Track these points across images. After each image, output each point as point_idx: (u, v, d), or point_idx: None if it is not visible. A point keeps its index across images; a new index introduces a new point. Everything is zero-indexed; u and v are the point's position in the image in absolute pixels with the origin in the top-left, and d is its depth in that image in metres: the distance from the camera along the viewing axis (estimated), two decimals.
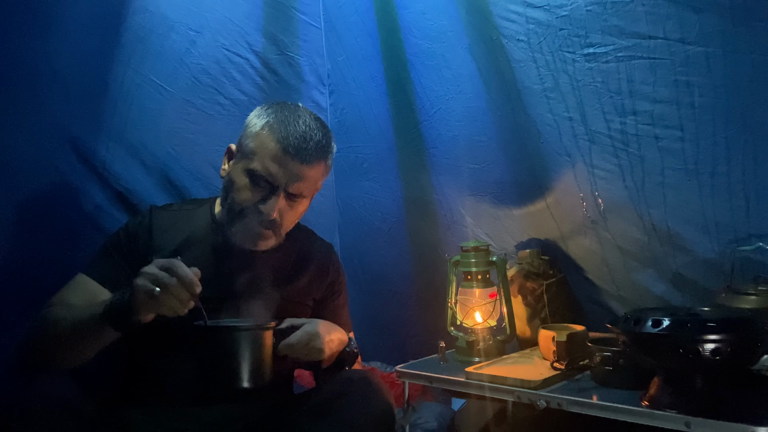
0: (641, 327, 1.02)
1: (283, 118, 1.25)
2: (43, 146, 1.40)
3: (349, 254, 2.00)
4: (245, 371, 1.10)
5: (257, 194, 1.23)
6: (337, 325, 1.32)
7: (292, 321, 1.22)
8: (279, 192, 1.22)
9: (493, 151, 1.63)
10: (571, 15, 1.37)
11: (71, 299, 1.18)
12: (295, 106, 1.31)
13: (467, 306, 1.47)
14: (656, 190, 1.37)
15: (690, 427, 0.97)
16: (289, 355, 1.19)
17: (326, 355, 1.23)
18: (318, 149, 1.25)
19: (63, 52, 1.41)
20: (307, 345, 1.20)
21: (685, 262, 1.39)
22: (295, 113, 1.27)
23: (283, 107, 1.29)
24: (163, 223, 1.30)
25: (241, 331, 1.11)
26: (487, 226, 1.71)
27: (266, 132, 1.24)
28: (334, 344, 1.25)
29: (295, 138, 1.22)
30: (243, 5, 1.72)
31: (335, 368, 1.29)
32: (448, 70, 1.65)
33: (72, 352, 1.12)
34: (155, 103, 1.57)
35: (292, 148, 1.22)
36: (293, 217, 1.30)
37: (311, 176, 1.26)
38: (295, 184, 1.23)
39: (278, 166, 1.22)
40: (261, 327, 1.13)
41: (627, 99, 1.34)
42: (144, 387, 1.23)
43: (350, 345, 1.32)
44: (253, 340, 1.11)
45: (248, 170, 1.23)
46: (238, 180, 1.24)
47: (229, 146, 1.33)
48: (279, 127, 1.24)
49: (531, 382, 1.19)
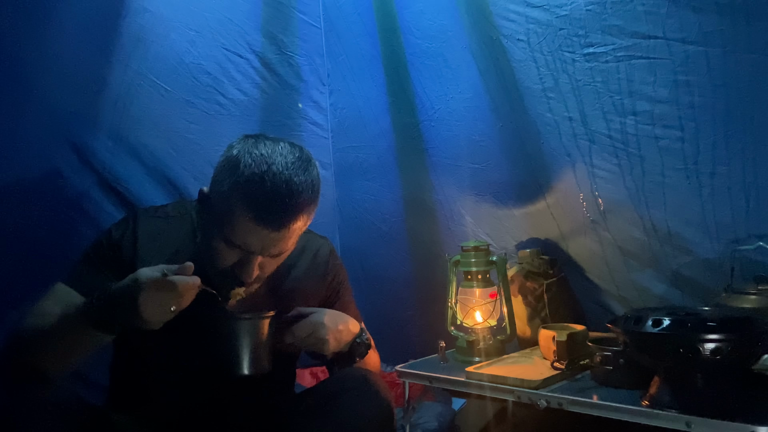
0: (641, 326, 1.02)
1: (251, 177, 1.08)
2: (43, 146, 1.40)
3: (349, 254, 2.00)
4: (245, 359, 1.11)
5: (233, 257, 1.13)
6: (348, 315, 1.29)
7: (301, 310, 1.21)
8: (255, 257, 1.12)
9: (493, 151, 1.63)
10: (571, 15, 1.37)
11: (50, 310, 1.09)
12: (272, 146, 1.12)
13: (467, 306, 1.47)
14: (656, 190, 1.37)
15: (690, 426, 0.97)
16: (294, 344, 1.19)
17: (331, 345, 1.20)
18: (296, 208, 1.10)
19: (63, 52, 1.41)
20: (312, 335, 1.18)
21: (685, 262, 1.39)
22: (268, 161, 1.09)
23: (254, 155, 1.09)
24: (149, 231, 1.21)
25: (240, 320, 1.12)
26: (487, 226, 1.71)
27: (235, 199, 1.08)
28: (341, 335, 1.23)
29: (267, 205, 1.07)
30: (243, 5, 1.72)
31: (346, 359, 1.27)
32: (448, 70, 1.65)
33: (54, 361, 1.07)
34: (155, 103, 1.57)
35: (265, 219, 1.08)
36: (275, 264, 1.20)
37: (293, 232, 1.13)
38: (273, 247, 1.13)
39: (252, 238, 1.09)
40: (259, 316, 1.13)
41: (627, 99, 1.34)
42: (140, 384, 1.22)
43: (361, 336, 1.29)
44: (251, 329, 1.12)
45: (221, 235, 1.11)
46: (213, 241, 1.13)
47: (201, 190, 1.17)
48: (248, 193, 1.08)
49: (531, 382, 1.19)
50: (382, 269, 1.98)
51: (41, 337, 1.07)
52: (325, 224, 1.89)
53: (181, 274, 1.01)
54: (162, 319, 1.02)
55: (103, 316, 1.02)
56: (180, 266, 1.02)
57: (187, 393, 1.19)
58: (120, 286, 1.02)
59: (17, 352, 1.08)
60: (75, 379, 1.36)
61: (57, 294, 1.13)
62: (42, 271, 1.30)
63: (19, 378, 1.05)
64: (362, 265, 2.00)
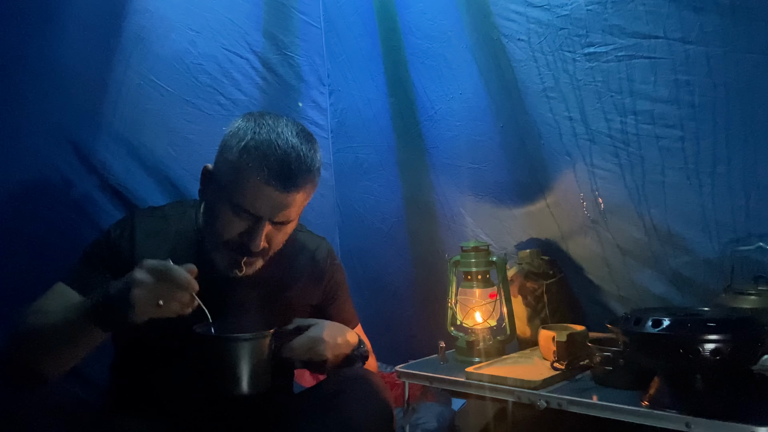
0: (641, 327, 1.02)
1: (261, 142, 1.13)
2: (43, 146, 1.40)
3: (349, 254, 2.00)
4: (244, 378, 1.09)
5: (241, 225, 1.15)
6: (347, 327, 1.29)
7: (300, 322, 1.21)
8: (263, 222, 1.15)
9: (493, 151, 1.63)
10: (572, 14, 1.37)
11: (49, 308, 1.10)
12: (275, 119, 1.18)
13: (467, 306, 1.47)
14: (656, 189, 1.37)
15: (690, 427, 0.97)
16: (292, 359, 1.18)
17: (330, 362, 1.20)
18: (303, 172, 1.14)
19: (63, 52, 1.41)
20: (310, 350, 1.18)
21: (685, 262, 1.39)
22: (275, 130, 1.14)
23: (261, 124, 1.16)
24: (147, 231, 1.23)
25: (239, 341, 1.09)
26: (487, 226, 1.71)
27: (244, 161, 1.13)
28: (339, 348, 1.22)
29: (277, 166, 1.12)
30: (243, 5, 1.72)
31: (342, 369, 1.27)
32: (448, 70, 1.65)
33: (54, 360, 1.07)
34: (155, 103, 1.57)
35: (274, 179, 1.12)
36: (281, 238, 1.22)
37: (298, 201, 1.17)
38: (281, 212, 1.15)
39: (261, 200, 1.13)
40: (259, 336, 1.11)
41: (627, 98, 1.34)
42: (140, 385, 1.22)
43: (359, 348, 1.28)
44: (251, 349, 1.09)
45: (229, 202, 1.14)
46: (219, 211, 1.16)
47: (205, 167, 1.22)
48: (258, 155, 1.12)
49: (531, 382, 1.19)
50: (382, 269, 1.98)
51: (39, 335, 1.06)
52: (325, 224, 1.90)
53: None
54: (148, 307, 0.99)
55: (99, 309, 1.01)
56: (183, 265, 1.01)
57: (187, 395, 1.19)
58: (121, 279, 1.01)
59: (16, 351, 1.08)
60: (75, 379, 1.36)
61: (56, 293, 1.14)
62: (42, 271, 1.30)
63: (19, 378, 1.05)
64: (362, 265, 2.00)
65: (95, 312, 1.01)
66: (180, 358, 1.14)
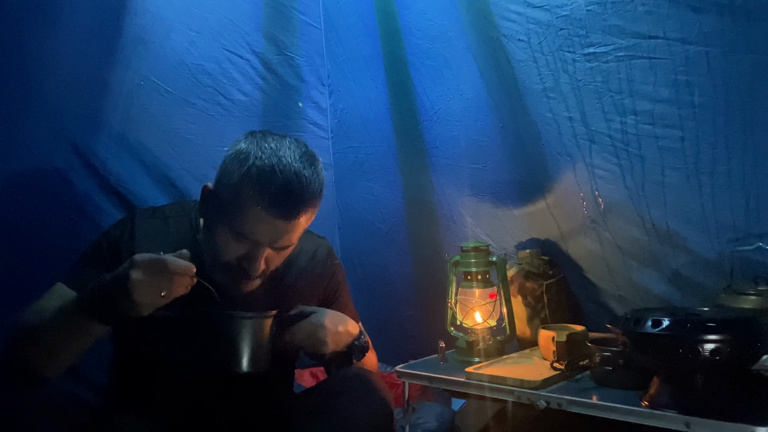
0: (641, 327, 1.02)
1: (262, 168, 1.09)
2: (43, 146, 1.40)
3: (349, 254, 2.00)
4: (244, 356, 1.12)
5: (240, 249, 1.13)
6: (348, 317, 1.29)
7: (303, 308, 1.22)
8: (263, 248, 1.13)
9: (493, 151, 1.63)
10: (572, 15, 1.37)
11: (48, 308, 1.09)
12: (278, 141, 1.14)
13: (467, 306, 1.47)
14: (656, 189, 1.37)
15: (690, 427, 0.97)
16: (293, 343, 1.19)
17: (329, 347, 1.20)
18: (306, 198, 1.12)
19: (63, 53, 1.41)
20: (311, 335, 1.18)
21: (685, 262, 1.39)
22: (277, 154, 1.11)
23: (263, 147, 1.12)
24: (147, 232, 1.22)
25: (242, 319, 1.12)
26: (487, 226, 1.71)
27: (246, 188, 1.09)
28: (340, 337, 1.23)
29: (279, 194, 1.09)
30: (243, 6, 1.72)
31: (343, 360, 1.27)
32: (448, 70, 1.65)
33: (52, 358, 1.07)
34: (155, 104, 1.57)
35: (276, 208, 1.09)
36: (280, 259, 1.20)
37: (300, 226, 1.15)
38: (282, 239, 1.13)
39: (261, 227, 1.10)
40: (261, 315, 1.14)
41: (627, 99, 1.34)
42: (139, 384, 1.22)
43: (359, 339, 1.28)
44: (252, 328, 1.12)
45: (229, 227, 1.12)
46: (218, 234, 1.14)
47: (205, 186, 1.18)
48: (259, 183, 1.09)
49: (531, 382, 1.19)
50: (382, 269, 1.98)
51: (38, 334, 1.07)
52: (325, 224, 1.89)
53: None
54: (152, 302, 1.00)
55: (96, 303, 1.02)
56: (175, 253, 1.02)
57: (187, 392, 1.19)
58: (115, 271, 1.02)
59: (15, 350, 1.08)
60: (75, 379, 1.36)
61: (56, 294, 1.14)
62: (42, 271, 1.30)
63: (18, 377, 1.05)
64: (362, 265, 2.00)
65: (93, 306, 1.02)
66: (182, 338, 1.14)
